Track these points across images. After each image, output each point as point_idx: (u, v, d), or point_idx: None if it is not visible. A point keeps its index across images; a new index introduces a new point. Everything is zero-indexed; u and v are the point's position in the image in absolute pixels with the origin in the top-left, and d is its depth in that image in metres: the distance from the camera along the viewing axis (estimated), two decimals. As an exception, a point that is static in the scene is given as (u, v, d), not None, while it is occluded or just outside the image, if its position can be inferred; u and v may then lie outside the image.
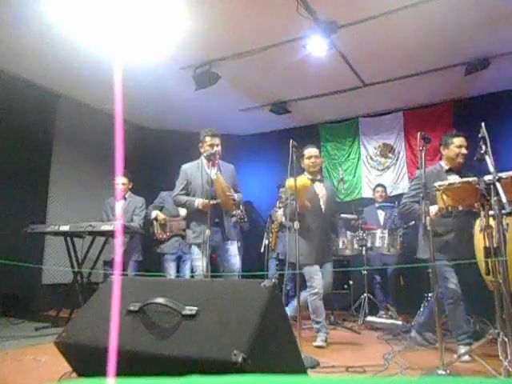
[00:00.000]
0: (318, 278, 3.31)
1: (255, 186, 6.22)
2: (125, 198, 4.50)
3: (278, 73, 4.92)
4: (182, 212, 4.60)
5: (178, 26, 3.92)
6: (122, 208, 4.44)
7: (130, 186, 4.56)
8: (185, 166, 3.42)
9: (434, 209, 2.69)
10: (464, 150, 3.00)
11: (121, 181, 4.37)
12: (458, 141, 3.01)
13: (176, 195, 3.35)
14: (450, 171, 3.05)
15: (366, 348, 3.23)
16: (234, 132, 6.58)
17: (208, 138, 3.33)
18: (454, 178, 2.90)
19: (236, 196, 3.33)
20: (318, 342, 3.25)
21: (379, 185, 5.34)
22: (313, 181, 3.48)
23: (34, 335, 3.46)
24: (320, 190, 3.50)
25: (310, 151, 3.49)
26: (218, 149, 3.30)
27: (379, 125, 6.08)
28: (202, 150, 3.38)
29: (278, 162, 5.56)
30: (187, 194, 3.35)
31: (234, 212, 4.08)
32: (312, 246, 3.35)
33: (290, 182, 3.10)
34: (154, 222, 4.55)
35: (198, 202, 3.18)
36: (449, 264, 2.87)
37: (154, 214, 4.55)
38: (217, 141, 3.34)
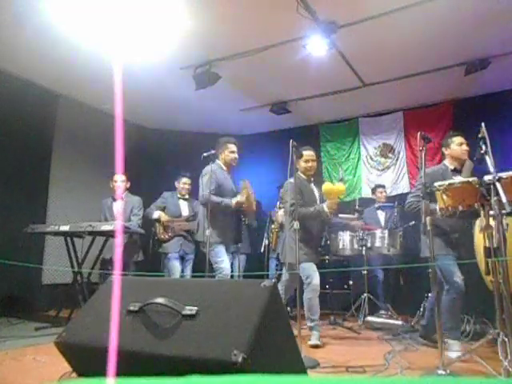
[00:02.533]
0: (316, 276, 3.30)
1: (255, 186, 6.19)
2: (121, 198, 4.50)
3: (277, 73, 4.92)
4: (185, 213, 4.61)
5: (178, 26, 3.92)
6: (120, 208, 4.44)
7: (128, 186, 4.56)
8: (210, 168, 3.47)
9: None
10: (465, 147, 3.11)
11: (120, 178, 4.37)
12: (458, 139, 3.12)
13: (208, 194, 3.37)
14: (454, 171, 3.10)
15: (366, 348, 3.23)
16: (234, 132, 6.57)
17: (231, 145, 3.60)
18: (459, 178, 2.92)
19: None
20: (314, 341, 3.24)
21: (379, 185, 5.34)
22: (309, 182, 3.54)
23: (34, 335, 3.46)
24: (316, 191, 3.56)
25: (309, 155, 3.47)
26: (237, 156, 3.65)
27: (379, 125, 6.08)
28: (221, 156, 3.60)
29: (277, 162, 5.56)
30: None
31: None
32: (311, 245, 3.37)
33: (327, 187, 3.28)
34: (157, 223, 4.53)
35: (235, 200, 3.42)
36: (453, 259, 2.93)
37: (157, 214, 4.51)
38: (236, 148, 3.65)
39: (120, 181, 4.38)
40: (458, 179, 2.92)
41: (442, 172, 3.09)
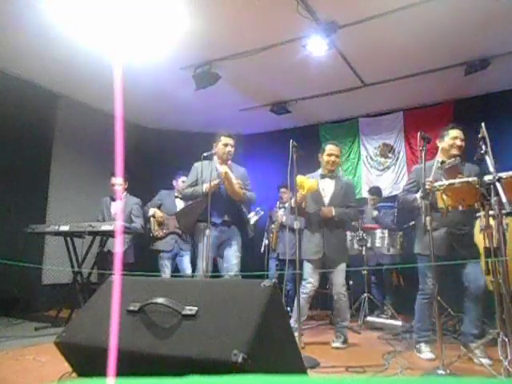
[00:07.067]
0: (309, 277, 3.28)
1: (255, 186, 6.19)
2: (121, 199, 4.50)
3: (278, 73, 4.92)
4: None
5: (177, 26, 3.92)
6: (119, 208, 4.44)
7: (126, 186, 4.55)
8: (196, 164, 3.51)
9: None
10: (458, 142, 2.95)
11: (119, 181, 4.37)
12: (454, 132, 2.99)
13: (183, 190, 3.44)
14: (442, 163, 2.96)
15: (366, 348, 3.23)
16: (234, 132, 6.55)
17: (223, 138, 3.52)
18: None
19: (247, 192, 3.45)
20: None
21: (372, 192, 5.28)
22: (323, 176, 3.46)
23: (34, 335, 3.46)
24: (327, 186, 3.44)
25: (331, 149, 3.42)
26: (230, 149, 3.51)
27: (379, 125, 6.08)
28: (215, 150, 3.51)
29: (277, 162, 5.56)
30: None
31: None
32: (312, 243, 3.33)
33: (300, 179, 3.15)
34: (152, 220, 4.52)
35: (204, 185, 3.29)
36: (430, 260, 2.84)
37: (152, 211, 4.53)
38: (231, 141, 3.53)
39: (118, 184, 4.38)
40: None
41: (429, 167, 2.91)
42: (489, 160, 2.28)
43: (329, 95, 5.51)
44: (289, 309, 4.67)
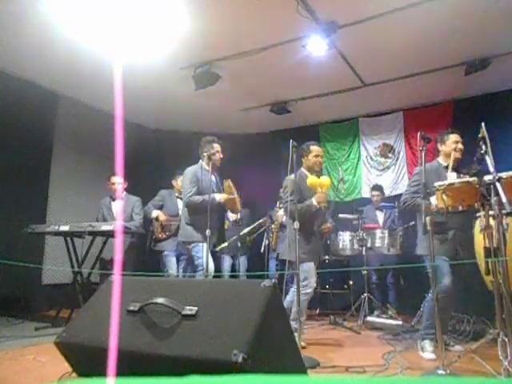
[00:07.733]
0: (314, 279, 3.28)
1: (255, 186, 6.21)
2: (121, 198, 4.51)
3: (278, 73, 4.92)
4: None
5: (177, 26, 3.92)
6: (120, 207, 4.44)
7: (125, 186, 4.55)
8: (192, 170, 3.56)
9: (433, 200, 2.75)
10: (460, 145, 3.09)
11: (119, 180, 4.37)
12: (454, 137, 3.11)
13: (190, 197, 3.46)
14: (447, 168, 3.07)
15: (366, 348, 3.23)
16: (234, 132, 6.58)
17: (216, 145, 3.61)
18: (451, 175, 2.95)
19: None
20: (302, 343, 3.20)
21: (375, 188, 5.30)
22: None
23: (34, 335, 3.46)
24: None
25: (319, 150, 3.50)
26: (222, 156, 3.64)
27: (379, 125, 6.08)
28: (207, 154, 3.55)
29: (277, 162, 5.56)
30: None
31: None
32: (313, 245, 3.35)
33: (314, 179, 3.22)
34: (154, 222, 4.52)
35: (220, 196, 3.48)
36: (447, 260, 2.88)
37: (155, 213, 4.50)
38: (220, 148, 3.63)
39: (118, 183, 4.39)
40: (453, 176, 2.96)
41: (435, 169, 3.06)
42: (489, 160, 2.28)
43: (329, 95, 5.50)
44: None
